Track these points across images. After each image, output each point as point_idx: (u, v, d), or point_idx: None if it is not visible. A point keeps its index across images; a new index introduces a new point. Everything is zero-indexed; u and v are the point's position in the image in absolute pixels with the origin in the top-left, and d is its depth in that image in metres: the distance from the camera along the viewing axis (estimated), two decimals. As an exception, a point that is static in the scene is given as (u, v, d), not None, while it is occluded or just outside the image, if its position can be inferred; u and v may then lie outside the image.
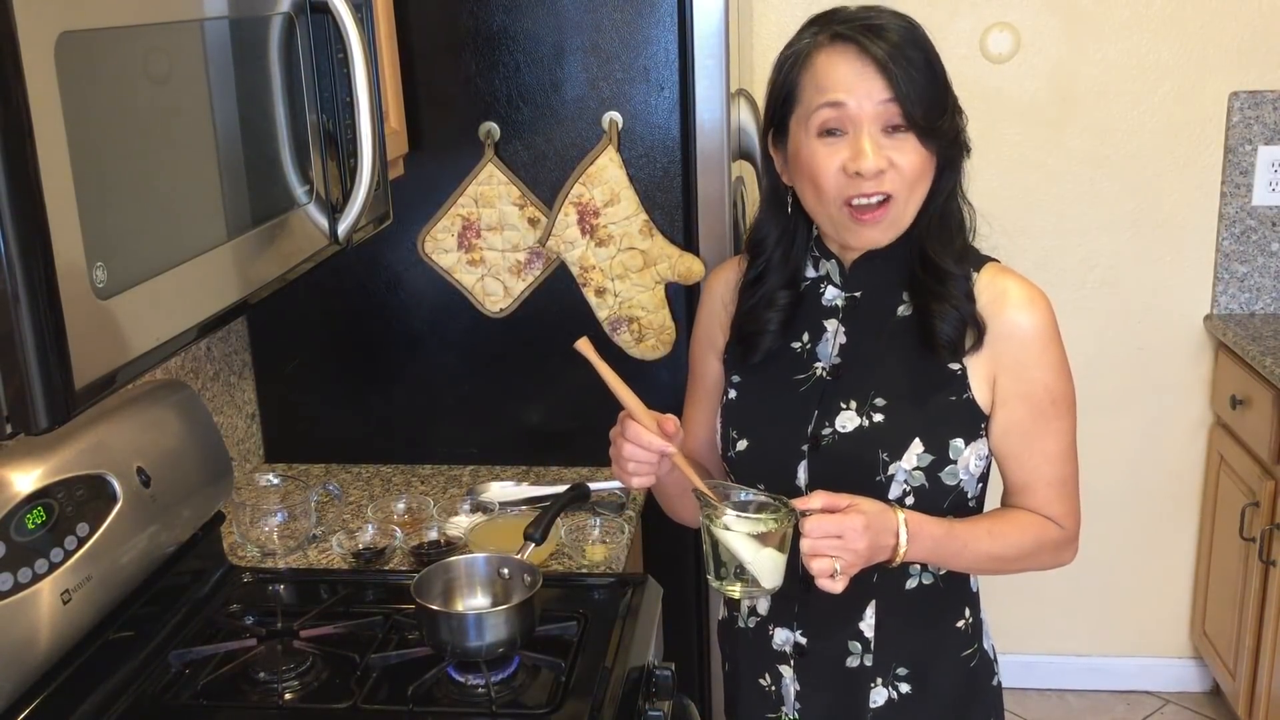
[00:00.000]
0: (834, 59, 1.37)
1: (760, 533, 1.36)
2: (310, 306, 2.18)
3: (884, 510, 1.37)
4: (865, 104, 1.34)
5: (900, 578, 1.48)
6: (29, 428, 0.91)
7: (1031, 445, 1.45)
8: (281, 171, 1.31)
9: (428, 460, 2.25)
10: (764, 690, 1.58)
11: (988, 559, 1.45)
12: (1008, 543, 1.45)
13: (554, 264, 2.09)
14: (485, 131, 2.05)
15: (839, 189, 1.37)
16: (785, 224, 1.50)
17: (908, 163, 1.36)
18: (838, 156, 1.36)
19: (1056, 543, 1.48)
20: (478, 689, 1.48)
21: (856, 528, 1.32)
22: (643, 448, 1.39)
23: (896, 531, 1.36)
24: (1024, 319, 1.43)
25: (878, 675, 1.50)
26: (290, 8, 1.30)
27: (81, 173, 0.93)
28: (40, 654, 1.34)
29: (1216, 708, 3.22)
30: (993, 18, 2.90)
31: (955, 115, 1.40)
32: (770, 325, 1.49)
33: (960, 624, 1.52)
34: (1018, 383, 1.43)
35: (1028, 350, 1.43)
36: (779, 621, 1.55)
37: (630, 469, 1.41)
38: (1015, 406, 1.43)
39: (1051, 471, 1.46)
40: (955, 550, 1.42)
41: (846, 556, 1.31)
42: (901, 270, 1.45)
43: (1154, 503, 3.17)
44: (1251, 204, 2.97)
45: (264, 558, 1.87)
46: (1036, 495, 1.47)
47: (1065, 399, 1.45)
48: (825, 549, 1.31)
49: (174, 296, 1.09)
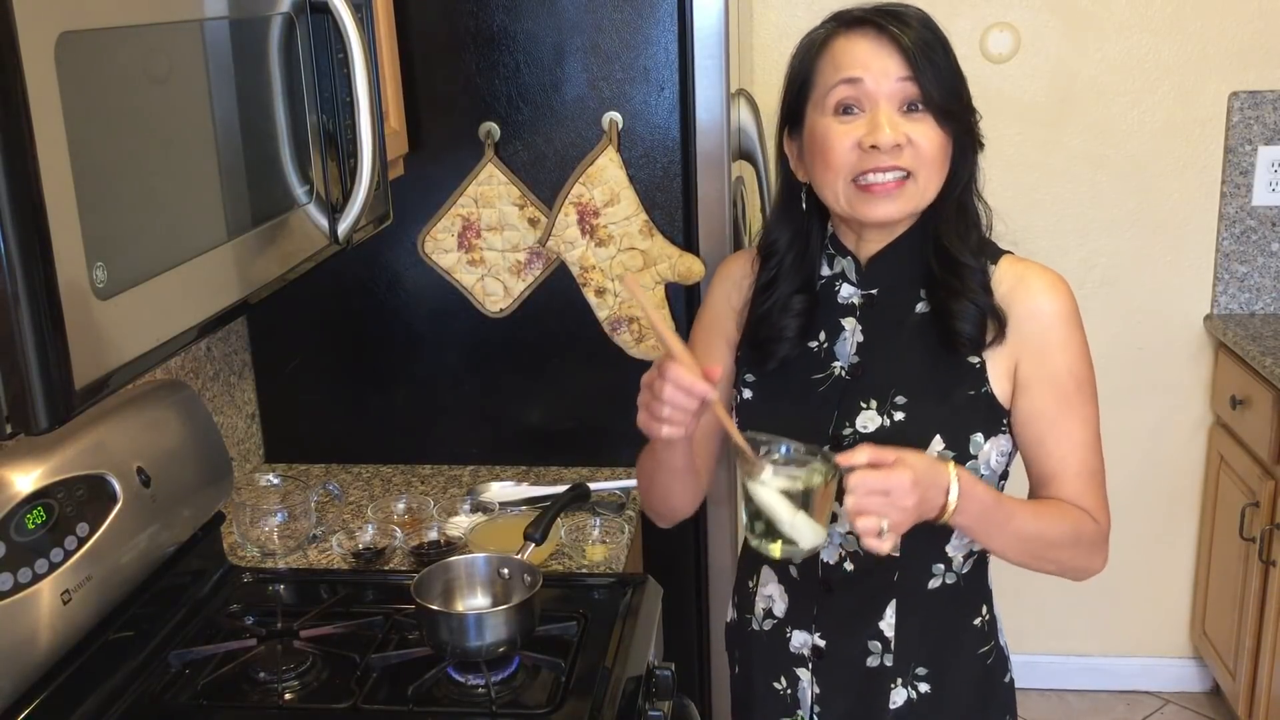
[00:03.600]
0: (852, 40, 1.37)
1: (800, 489, 1.28)
2: (310, 306, 2.18)
3: (934, 465, 1.30)
4: (883, 81, 1.34)
5: (922, 577, 1.46)
6: (29, 428, 0.91)
7: (1058, 431, 1.42)
8: (281, 171, 1.31)
9: (428, 460, 2.25)
10: (779, 694, 1.56)
11: (1029, 539, 1.39)
12: (1050, 525, 1.40)
13: (554, 264, 2.09)
14: (485, 131, 2.05)
15: (850, 164, 1.35)
16: (798, 224, 1.48)
17: (927, 141, 1.35)
18: (853, 133, 1.35)
19: (1093, 538, 1.43)
20: (478, 689, 1.48)
21: (905, 484, 1.24)
22: (684, 390, 1.29)
23: (947, 488, 1.29)
24: (1046, 303, 1.41)
25: (898, 675, 1.49)
26: (290, 8, 1.30)
27: (81, 173, 0.93)
28: (40, 654, 1.34)
29: (1216, 708, 3.22)
30: (993, 18, 2.90)
31: (970, 106, 1.41)
32: (788, 332, 1.46)
33: (977, 621, 1.51)
34: (1040, 367, 1.41)
35: (1051, 334, 1.41)
36: (796, 624, 1.53)
37: (665, 414, 1.31)
38: (1039, 392, 1.41)
39: (1080, 462, 1.42)
40: (1000, 521, 1.36)
41: (894, 515, 1.24)
42: (917, 267, 1.44)
43: (1154, 503, 3.17)
44: (1251, 204, 2.97)
45: (264, 558, 1.87)
46: (1066, 486, 1.42)
47: (1089, 384, 1.43)
48: (871, 506, 1.23)
49: (174, 296, 1.09)
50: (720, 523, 2.19)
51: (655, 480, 1.52)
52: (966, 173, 1.43)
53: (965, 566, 1.48)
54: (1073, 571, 1.47)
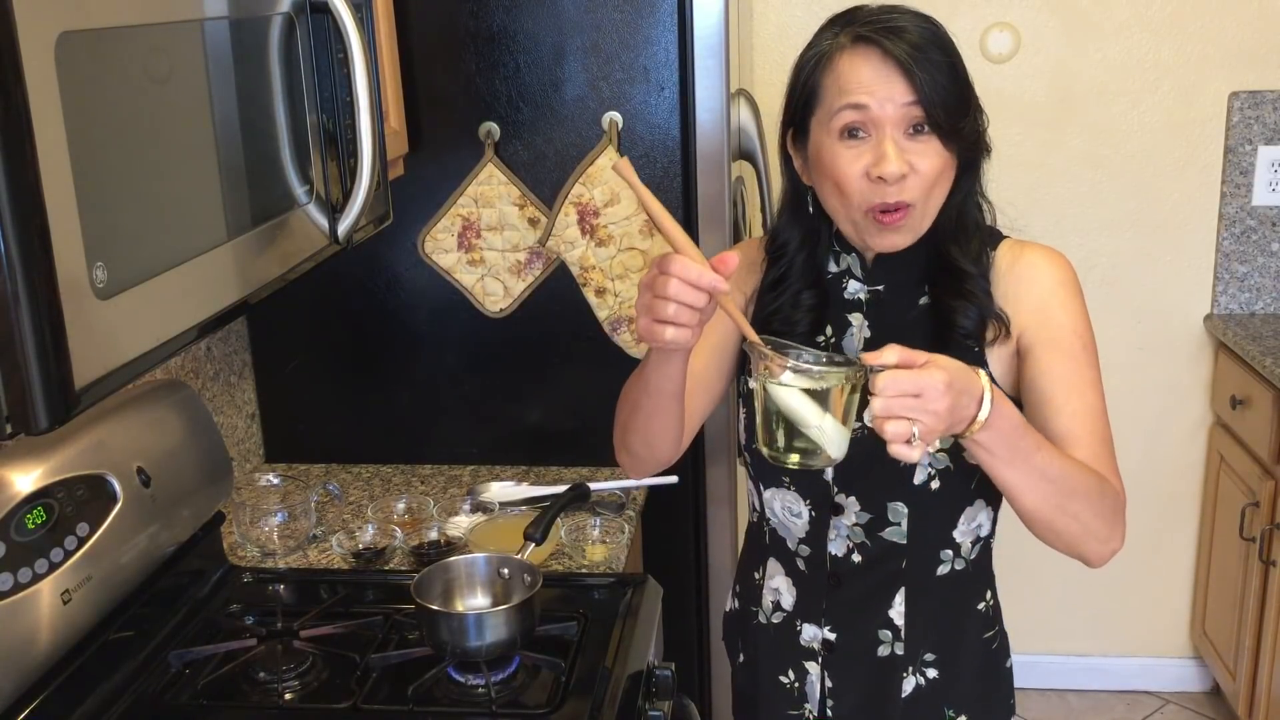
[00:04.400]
0: (856, 61, 1.35)
1: (822, 390, 1.19)
2: (310, 306, 2.18)
3: (967, 370, 1.19)
4: (888, 106, 1.33)
5: (931, 564, 1.46)
6: (29, 428, 0.91)
7: (1069, 390, 1.37)
8: (281, 171, 1.31)
9: (428, 460, 2.25)
10: (786, 688, 1.56)
11: (1054, 479, 1.28)
12: (1076, 471, 1.31)
13: (554, 264, 2.09)
14: (485, 131, 2.05)
15: (864, 195, 1.35)
16: (808, 225, 1.48)
17: (928, 165, 1.34)
18: (861, 161, 1.34)
19: (1115, 500, 1.34)
20: (478, 689, 1.48)
21: (937, 385, 1.14)
22: (691, 284, 1.18)
23: (980, 398, 1.19)
24: (1044, 271, 1.41)
25: (908, 663, 1.49)
26: (290, 8, 1.30)
27: (81, 173, 0.92)
28: (40, 654, 1.34)
29: (1216, 708, 3.22)
30: (993, 18, 2.90)
31: (977, 115, 1.39)
32: (799, 328, 1.46)
33: (982, 606, 1.52)
34: (1043, 329, 1.39)
35: (1051, 298, 1.40)
36: (806, 617, 1.52)
37: (670, 313, 1.19)
38: (1044, 353, 1.39)
39: (1095, 426, 1.37)
40: (1028, 450, 1.26)
41: (925, 419, 1.14)
42: (922, 264, 1.44)
43: (1154, 503, 3.17)
44: (1251, 204, 2.97)
45: (264, 558, 1.87)
46: (1081, 447, 1.34)
47: (1093, 349, 1.41)
48: (901, 409, 1.13)
49: (174, 296, 1.09)
50: (720, 522, 2.19)
51: (640, 408, 1.41)
52: (970, 182, 1.43)
53: (973, 552, 1.49)
54: (1092, 538, 1.34)
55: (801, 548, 1.50)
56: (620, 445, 1.50)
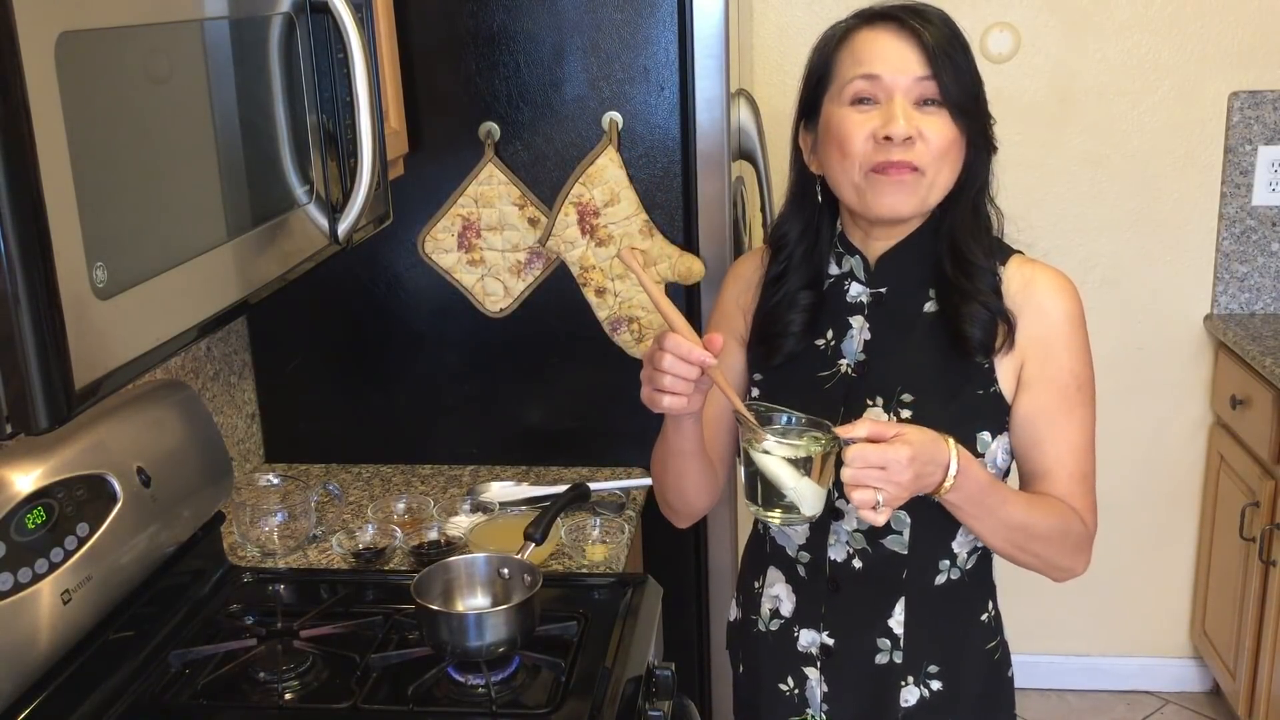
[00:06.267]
0: (874, 34, 1.38)
1: (801, 458, 1.30)
2: (310, 306, 2.18)
3: (934, 440, 1.30)
4: (900, 78, 1.35)
5: (929, 573, 1.47)
6: (29, 428, 0.91)
7: (1055, 430, 1.43)
8: (281, 171, 1.31)
9: (428, 460, 2.25)
10: (785, 694, 1.56)
11: (1016, 528, 1.39)
12: (1039, 516, 1.40)
13: (554, 264, 2.09)
14: (485, 131, 2.05)
15: (867, 155, 1.36)
16: (809, 218, 1.49)
17: (937, 135, 1.35)
18: (869, 124, 1.36)
19: (1079, 538, 1.44)
20: (478, 689, 1.48)
21: (901, 459, 1.25)
22: (683, 359, 1.29)
23: (946, 464, 1.30)
24: (1053, 304, 1.43)
25: (908, 673, 1.49)
26: (290, 8, 1.30)
27: (81, 173, 0.92)
28: (40, 654, 1.34)
29: (1216, 708, 3.22)
30: (993, 18, 2.90)
31: (985, 109, 1.42)
32: (793, 327, 1.47)
33: (984, 617, 1.52)
34: (1044, 366, 1.42)
35: (1056, 334, 1.42)
36: (804, 623, 1.52)
37: (667, 384, 1.30)
38: (1040, 391, 1.42)
39: (1074, 463, 1.43)
40: (993, 505, 1.36)
41: (889, 489, 1.25)
42: (927, 266, 1.44)
43: (1154, 503, 3.16)
44: (1251, 204, 2.97)
45: (264, 558, 1.87)
46: (1059, 485, 1.43)
47: (1089, 387, 1.44)
48: (867, 479, 1.24)
49: (174, 296, 1.09)
50: (721, 522, 2.19)
51: (668, 468, 1.50)
52: (981, 174, 1.44)
53: (969, 562, 1.49)
54: (1053, 569, 1.46)
55: (802, 554, 1.50)
56: (660, 501, 1.59)
